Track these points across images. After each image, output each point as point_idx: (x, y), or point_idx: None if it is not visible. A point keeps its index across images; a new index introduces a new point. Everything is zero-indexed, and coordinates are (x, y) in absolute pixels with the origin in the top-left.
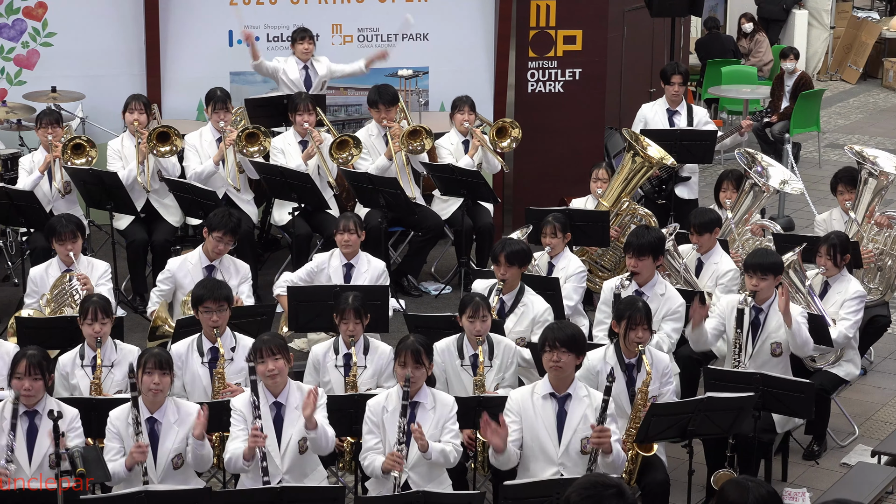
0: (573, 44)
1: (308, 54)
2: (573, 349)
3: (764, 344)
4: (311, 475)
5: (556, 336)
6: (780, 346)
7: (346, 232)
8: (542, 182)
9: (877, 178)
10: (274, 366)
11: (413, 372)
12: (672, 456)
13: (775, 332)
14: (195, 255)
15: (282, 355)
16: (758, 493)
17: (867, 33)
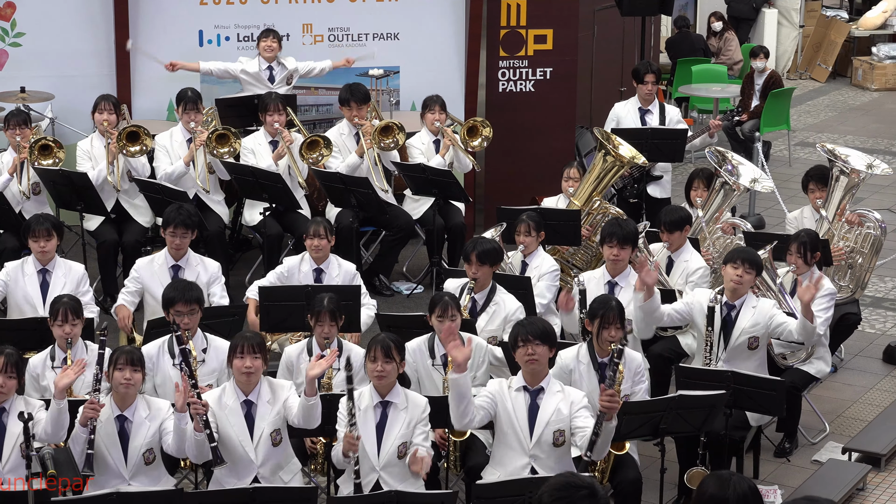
0: (544, 43)
1: (272, 52)
2: (546, 341)
3: (739, 339)
4: (286, 467)
5: (529, 330)
6: (756, 339)
7: (317, 237)
8: (513, 181)
9: (848, 176)
10: (252, 363)
11: (383, 366)
12: (644, 454)
13: (750, 328)
14: (161, 256)
15: (261, 355)
16: (739, 488)
17: (836, 32)
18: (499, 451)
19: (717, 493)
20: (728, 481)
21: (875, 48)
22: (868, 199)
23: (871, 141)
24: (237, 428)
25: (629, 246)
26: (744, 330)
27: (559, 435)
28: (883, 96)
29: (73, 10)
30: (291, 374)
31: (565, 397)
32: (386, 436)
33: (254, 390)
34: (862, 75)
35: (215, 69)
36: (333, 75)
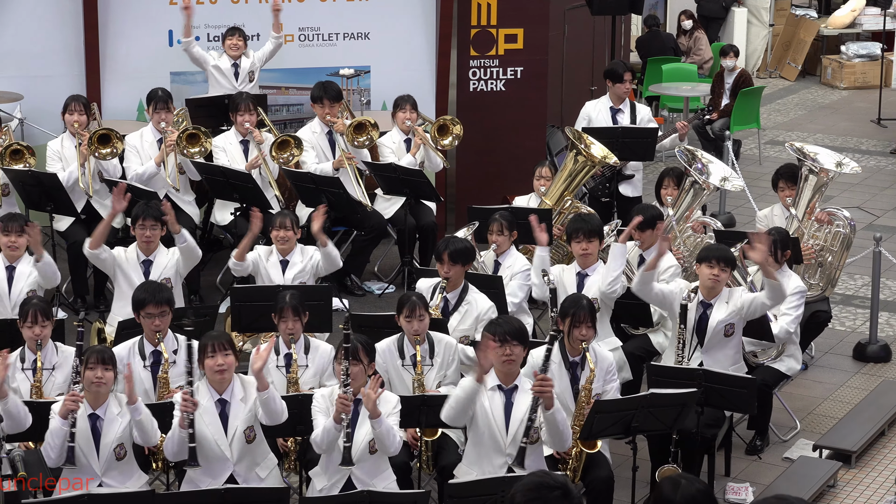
0: (514, 42)
1: (237, 50)
2: (522, 341)
3: (715, 330)
4: (262, 463)
5: (506, 330)
6: (732, 325)
7: (283, 228)
8: (484, 180)
9: (817, 175)
10: (224, 361)
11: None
12: (616, 452)
13: (725, 316)
14: (132, 250)
15: (231, 352)
16: (687, 491)
17: (805, 31)
18: (474, 451)
19: (669, 495)
20: (678, 484)
21: (844, 47)
22: (837, 197)
23: (840, 139)
24: (212, 427)
25: (596, 239)
26: (719, 321)
27: (534, 432)
28: (852, 94)
29: (43, 10)
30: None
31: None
32: (357, 432)
33: (227, 389)
34: (831, 74)
35: (197, 51)
36: (305, 75)
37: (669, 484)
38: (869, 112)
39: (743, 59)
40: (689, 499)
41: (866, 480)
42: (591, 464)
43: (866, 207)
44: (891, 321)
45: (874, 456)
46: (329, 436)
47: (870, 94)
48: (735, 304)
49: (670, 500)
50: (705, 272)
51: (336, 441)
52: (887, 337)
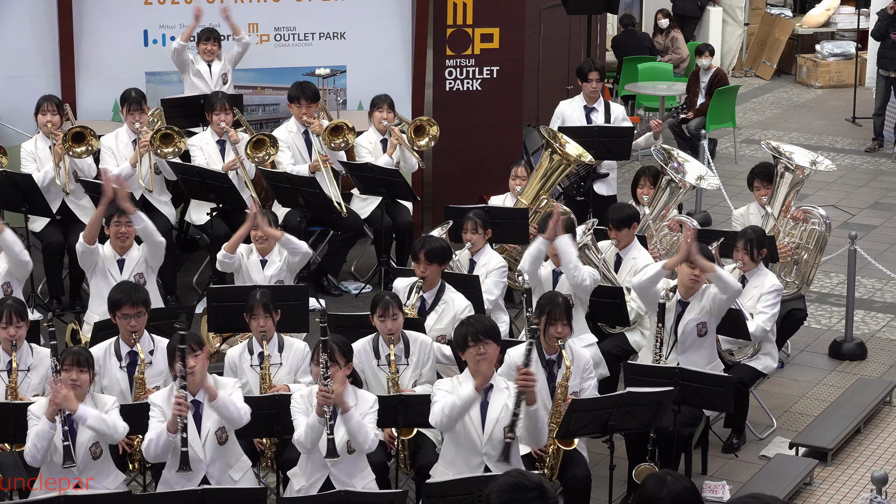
0: (490, 42)
1: (211, 55)
2: (496, 339)
3: (688, 327)
4: (235, 465)
5: (479, 329)
6: (704, 325)
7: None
8: (461, 180)
9: (793, 173)
10: (195, 362)
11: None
12: (593, 451)
13: (698, 314)
14: (107, 248)
15: (202, 352)
16: (673, 488)
17: (780, 30)
18: (450, 451)
19: (654, 492)
20: (664, 481)
21: (819, 46)
22: (813, 195)
23: (815, 138)
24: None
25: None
26: (690, 319)
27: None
28: (827, 93)
29: (16, 11)
30: (235, 374)
31: (512, 393)
32: (335, 431)
33: (200, 390)
34: (806, 73)
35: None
36: (280, 75)
37: (655, 481)
38: (844, 111)
39: (718, 58)
40: (675, 496)
41: (842, 478)
42: (568, 462)
43: (841, 206)
44: (866, 319)
45: (850, 453)
46: (314, 431)
47: (844, 92)
48: (705, 302)
49: (656, 497)
50: (685, 272)
51: (320, 436)
52: (863, 335)
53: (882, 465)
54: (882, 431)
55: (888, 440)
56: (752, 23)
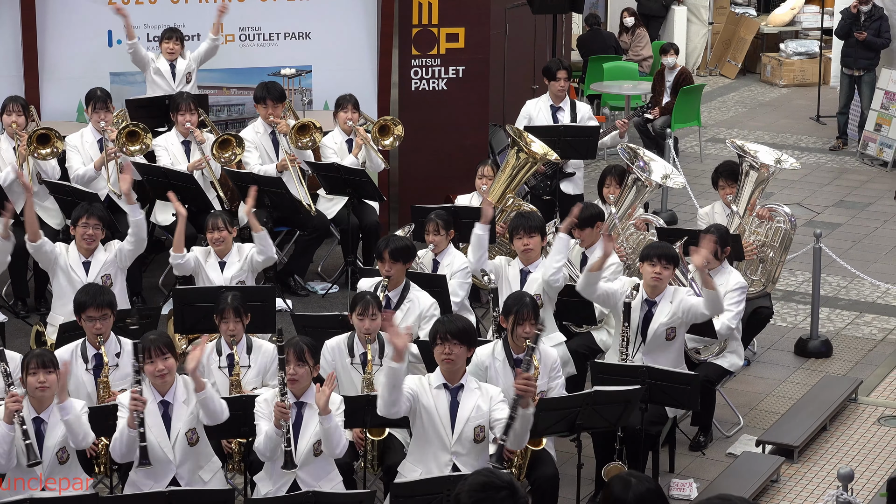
0: (456, 41)
1: (173, 54)
2: (465, 341)
3: (657, 331)
4: (206, 466)
5: (448, 329)
6: (674, 329)
7: (216, 230)
8: (427, 180)
9: (757, 171)
10: (164, 365)
11: (295, 369)
12: (561, 450)
13: (665, 318)
14: (73, 250)
15: (171, 353)
16: (638, 490)
17: (745, 29)
18: (418, 449)
19: (620, 494)
20: (629, 483)
21: (783, 45)
22: (778, 193)
23: (780, 136)
24: (155, 429)
25: (537, 234)
26: (661, 323)
27: (479, 431)
28: (791, 92)
29: None
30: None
31: (483, 394)
32: (301, 435)
33: (169, 390)
34: (771, 72)
35: (141, 50)
36: (246, 75)
37: (619, 483)
38: (808, 109)
39: (683, 57)
40: (640, 497)
41: (809, 475)
42: (536, 461)
43: (806, 204)
44: (831, 317)
45: (816, 451)
46: (271, 442)
47: (809, 91)
48: (677, 308)
49: (621, 499)
50: (647, 270)
51: (278, 447)
52: (828, 332)
53: (848, 461)
54: (848, 428)
55: (854, 437)
56: (717, 22)
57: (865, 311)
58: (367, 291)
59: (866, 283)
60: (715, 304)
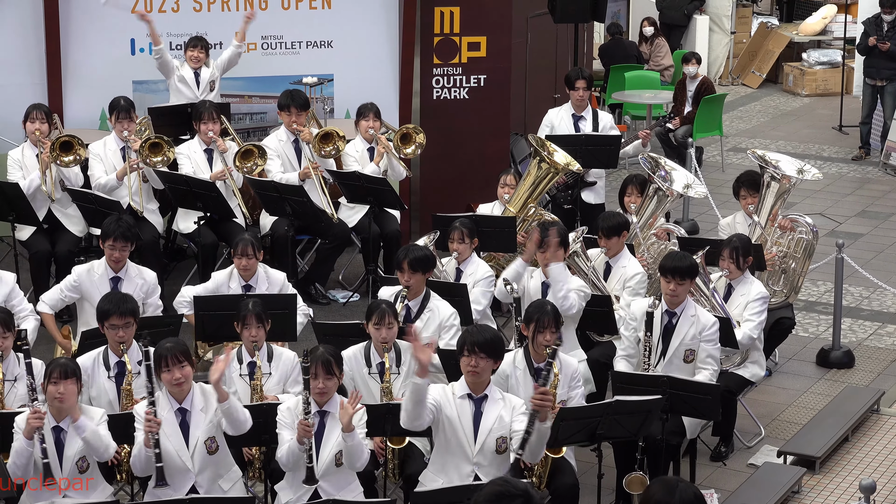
0: (477, 50)
1: (198, 62)
2: (492, 354)
3: (678, 349)
4: (225, 475)
5: (476, 340)
6: (693, 352)
7: (245, 257)
8: (448, 188)
9: (779, 182)
10: (180, 374)
11: (324, 382)
12: (581, 459)
13: (689, 340)
14: (100, 265)
15: (187, 361)
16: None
17: (774, 42)
18: (440, 459)
19: (664, 498)
20: (675, 487)
21: (805, 54)
22: (800, 203)
23: (802, 146)
24: (173, 438)
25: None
26: (683, 340)
27: (501, 442)
28: (813, 101)
29: (3, 19)
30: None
31: (506, 404)
32: (323, 445)
33: (187, 398)
34: (793, 81)
35: (166, 56)
36: (268, 83)
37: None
38: (830, 119)
39: (705, 66)
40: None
41: (830, 486)
42: (556, 471)
43: (828, 214)
44: (853, 327)
45: (838, 462)
46: (293, 456)
47: (831, 101)
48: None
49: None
50: (663, 286)
51: (300, 461)
52: (850, 343)
53: (870, 473)
54: (870, 440)
55: (876, 448)
56: (739, 31)
57: (888, 322)
58: (382, 300)
59: (889, 293)
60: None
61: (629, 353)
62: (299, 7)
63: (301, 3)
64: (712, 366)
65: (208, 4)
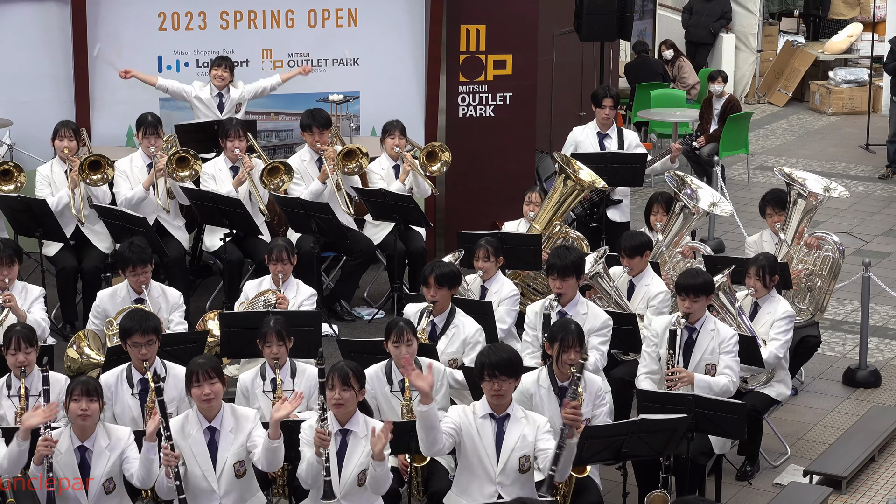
0: (503, 68)
1: (223, 81)
2: (512, 374)
3: (698, 365)
4: (250, 500)
5: (494, 363)
6: (713, 367)
7: (279, 262)
8: (473, 206)
9: (806, 199)
10: (210, 390)
11: (340, 394)
12: (606, 478)
13: (709, 354)
14: (123, 288)
15: (218, 378)
16: None
17: (800, 61)
18: (463, 479)
19: None
20: None
21: (832, 72)
22: (826, 222)
23: (828, 165)
24: (200, 457)
25: (572, 276)
26: (703, 354)
27: (524, 461)
28: (840, 120)
29: (32, 35)
30: (248, 400)
31: (529, 423)
32: (346, 464)
33: (216, 416)
34: (819, 99)
35: (171, 87)
36: (294, 100)
37: None
38: (857, 137)
39: (731, 84)
40: None
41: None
42: (580, 489)
43: (855, 233)
44: (880, 346)
45: (864, 481)
46: (313, 470)
47: (858, 119)
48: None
49: None
50: (679, 303)
51: (320, 475)
52: (877, 362)
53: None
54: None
55: None
56: (766, 50)
57: None
58: (400, 318)
59: None
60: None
61: (651, 369)
62: (326, 25)
63: (327, 21)
64: (731, 376)
65: (235, 22)
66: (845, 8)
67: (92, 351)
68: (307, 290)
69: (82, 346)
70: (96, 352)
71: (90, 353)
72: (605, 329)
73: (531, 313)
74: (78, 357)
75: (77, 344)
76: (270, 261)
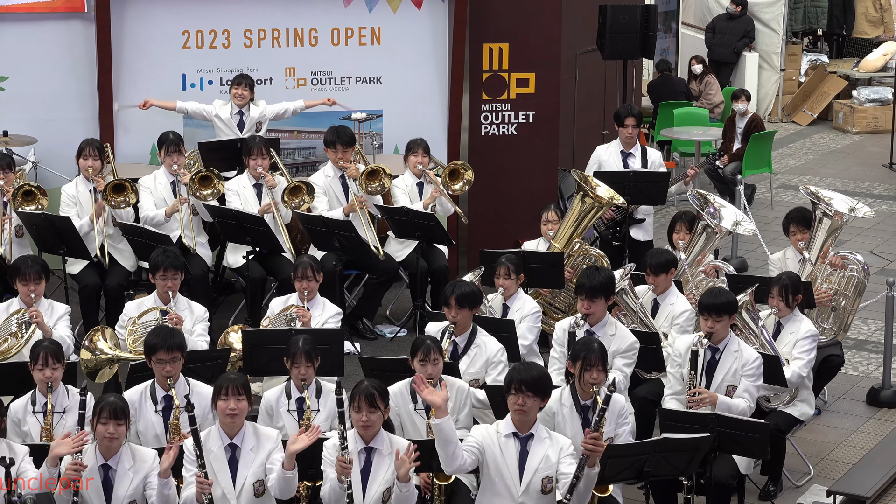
0: (526, 86)
1: (243, 100)
2: (538, 393)
3: (719, 386)
4: None
5: (523, 378)
6: (735, 388)
7: (305, 279)
8: (496, 224)
9: (831, 219)
10: (236, 405)
11: (368, 416)
12: (628, 497)
13: (731, 375)
14: (150, 301)
15: (245, 396)
16: None
17: (830, 86)
18: (486, 498)
19: None
20: None
21: (856, 91)
22: (850, 241)
23: (852, 184)
24: (220, 474)
25: (600, 297)
26: (725, 376)
27: (547, 482)
28: (864, 139)
29: (56, 54)
30: (272, 418)
31: (553, 444)
32: (370, 482)
33: (238, 433)
34: (843, 118)
35: (191, 108)
36: (317, 118)
37: None
38: (881, 156)
39: (754, 103)
40: None
41: None
42: None
43: (879, 252)
44: None
45: (888, 502)
46: (335, 494)
47: (882, 138)
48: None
49: None
50: (701, 323)
51: (342, 499)
52: None
53: None
54: None
55: None
56: (789, 68)
57: None
58: (427, 336)
59: None
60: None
61: (676, 390)
62: (349, 43)
63: (351, 40)
64: (748, 401)
65: (259, 41)
66: (869, 27)
67: (105, 344)
68: (332, 309)
69: (95, 339)
70: (109, 345)
71: (103, 346)
72: (632, 352)
73: (559, 330)
74: (91, 356)
75: (90, 339)
76: (296, 278)
